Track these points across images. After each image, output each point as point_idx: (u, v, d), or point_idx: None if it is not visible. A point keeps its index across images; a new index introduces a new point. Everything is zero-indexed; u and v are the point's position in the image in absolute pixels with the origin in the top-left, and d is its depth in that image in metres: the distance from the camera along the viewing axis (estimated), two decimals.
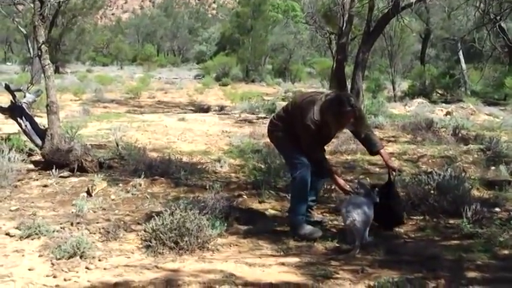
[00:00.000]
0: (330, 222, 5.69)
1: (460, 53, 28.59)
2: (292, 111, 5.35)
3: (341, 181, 5.19)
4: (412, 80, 28.03)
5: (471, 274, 4.30)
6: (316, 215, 5.77)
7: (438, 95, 26.11)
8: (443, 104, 20.77)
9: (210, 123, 13.05)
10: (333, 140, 5.73)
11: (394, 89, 26.06)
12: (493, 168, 8.29)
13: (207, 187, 6.60)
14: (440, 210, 5.88)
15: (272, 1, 45.04)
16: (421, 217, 5.86)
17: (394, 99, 23.53)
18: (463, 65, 28.10)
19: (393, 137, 11.24)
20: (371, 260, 4.60)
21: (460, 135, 10.97)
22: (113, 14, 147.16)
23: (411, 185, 6.51)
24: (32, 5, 8.39)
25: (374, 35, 14.48)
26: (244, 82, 35.20)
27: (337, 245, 5.01)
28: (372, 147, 5.42)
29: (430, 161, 8.92)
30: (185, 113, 17.33)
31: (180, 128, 11.96)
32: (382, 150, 5.38)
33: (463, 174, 6.73)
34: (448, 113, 16.50)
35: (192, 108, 20.60)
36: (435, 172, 6.44)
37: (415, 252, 4.78)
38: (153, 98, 24.51)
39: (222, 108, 19.40)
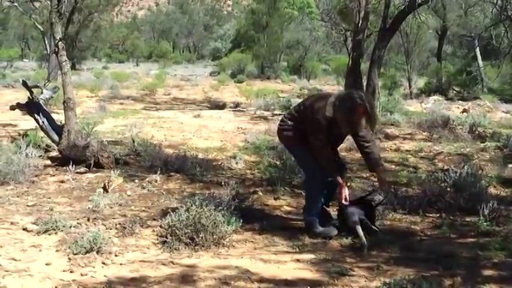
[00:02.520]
0: None
1: (477, 50, 28.31)
2: (304, 111, 5.29)
3: (344, 190, 5.13)
4: (429, 77, 27.82)
5: (487, 272, 4.27)
6: (332, 212, 5.75)
7: (455, 92, 25.89)
8: (460, 102, 20.68)
9: (225, 120, 13.08)
10: (348, 137, 5.67)
11: (410, 86, 25.87)
12: (510, 166, 8.21)
13: (223, 183, 6.63)
14: (457, 208, 5.86)
15: None
16: (437, 215, 5.84)
17: (410, 97, 23.40)
18: (480, 62, 27.84)
19: (409, 134, 11.20)
20: (387, 257, 4.59)
21: (476, 132, 10.92)
22: (128, 11, 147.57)
23: (427, 183, 6.50)
24: (49, 2, 8.44)
25: (390, 32, 14.37)
26: (260, 79, 35.11)
27: (352, 242, 5.00)
28: (370, 166, 5.36)
29: (446, 158, 8.88)
30: (200, 109, 17.37)
31: (196, 124, 12.00)
32: (379, 169, 5.32)
33: (479, 172, 6.69)
34: (464, 111, 16.42)
35: (208, 105, 20.62)
36: (451, 170, 6.41)
37: (431, 249, 4.76)
38: (169, 94, 24.55)
39: (237, 105, 19.41)
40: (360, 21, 15.93)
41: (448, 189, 6.10)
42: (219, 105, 20.00)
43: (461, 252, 4.70)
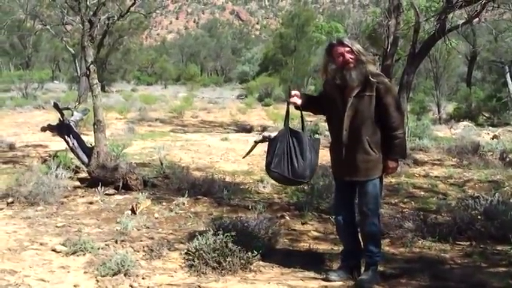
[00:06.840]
0: None
1: (508, 75, 28.08)
2: None
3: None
4: (458, 102, 27.67)
5: None
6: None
7: (484, 118, 25.68)
8: (490, 127, 20.45)
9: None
10: None
11: (439, 111, 25.74)
12: None
13: (250, 207, 6.61)
14: (488, 236, 5.75)
15: (315, 22, 45.12)
16: (468, 243, 5.73)
17: (439, 122, 23.25)
18: (511, 88, 27.59)
19: (438, 160, 11.08)
20: (416, 285, 4.52)
21: (507, 159, 10.75)
22: (158, 34, 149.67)
23: (457, 210, 6.39)
24: (81, 26, 8.58)
25: (419, 57, 14.30)
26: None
27: (381, 269, 4.92)
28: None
29: (476, 185, 8.75)
30: (228, 132, 17.44)
31: (223, 147, 12.04)
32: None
33: (511, 200, 6.58)
34: (495, 137, 16.21)
35: (235, 128, 20.70)
36: (482, 197, 6.32)
37: (461, 278, 4.67)
38: (196, 117, 24.72)
39: (264, 129, 19.43)
40: (389, 47, 15.89)
41: (479, 216, 6.01)
42: (247, 129, 20.07)
43: (493, 281, 4.60)
